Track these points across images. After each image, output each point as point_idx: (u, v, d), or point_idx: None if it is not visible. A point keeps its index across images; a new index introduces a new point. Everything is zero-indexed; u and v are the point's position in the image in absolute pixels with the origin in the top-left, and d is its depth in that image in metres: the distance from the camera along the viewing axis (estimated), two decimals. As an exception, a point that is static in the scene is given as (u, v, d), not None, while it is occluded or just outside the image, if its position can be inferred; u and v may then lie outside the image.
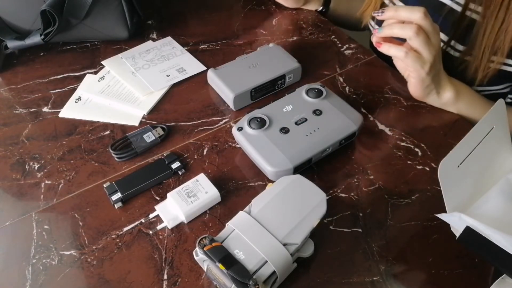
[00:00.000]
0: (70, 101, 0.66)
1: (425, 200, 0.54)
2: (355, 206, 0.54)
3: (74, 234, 0.51)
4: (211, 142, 0.61)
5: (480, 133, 0.46)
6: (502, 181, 0.49)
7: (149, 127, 0.61)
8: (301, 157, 0.54)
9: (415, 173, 0.57)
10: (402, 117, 0.65)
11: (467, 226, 0.41)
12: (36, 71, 0.72)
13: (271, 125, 0.57)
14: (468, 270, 0.48)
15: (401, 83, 0.69)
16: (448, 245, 0.50)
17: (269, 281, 0.43)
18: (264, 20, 0.83)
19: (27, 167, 0.57)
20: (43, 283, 0.46)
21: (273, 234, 0.44)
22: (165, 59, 0.73)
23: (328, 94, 0.61)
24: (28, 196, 0.54)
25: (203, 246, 0.42)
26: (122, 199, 0.53)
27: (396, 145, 0.61)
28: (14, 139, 0.61)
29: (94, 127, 0.63)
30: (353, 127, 0.57)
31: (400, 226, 0.52)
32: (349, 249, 0.50)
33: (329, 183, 0.56)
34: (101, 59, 0.73)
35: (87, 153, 0.59)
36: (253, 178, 0.56)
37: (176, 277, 0.47)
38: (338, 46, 0.77)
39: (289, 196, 0.47)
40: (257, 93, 0.66)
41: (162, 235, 0.51)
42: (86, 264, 0.48)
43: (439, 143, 0.61)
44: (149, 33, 0.79)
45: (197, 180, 0.53)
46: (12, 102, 0.66)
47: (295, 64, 0.68)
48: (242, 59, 0.68)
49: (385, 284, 0.47)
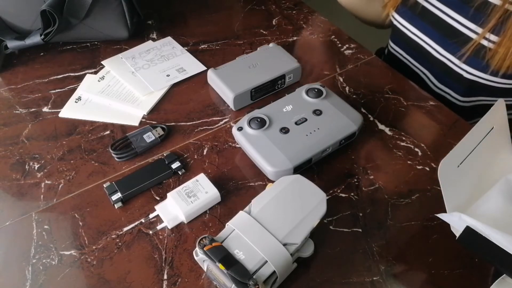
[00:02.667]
0: (70, 101, 0.66)
1: (425, 200, 0.54)
2: (355, 206, 0.54)
3: (74, 234, 0.51)
4: (211, 142, 0.61)
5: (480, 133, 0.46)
6: (502, 181, 0.49)
7: (149, 127, 0.61)
8: (301, 157, 0.54)
9: (415, 173, 0.57)
10: (402, 117, 0.65)
11: (467, 226, 0.41)
12: (36, 71, 0.72)
13: (271, 125, 0.57)
14: (468, 270, 0.48)
15: (401, 83, 0.69)
16: (448, 245, 0.50)
17: (269, 281, 0.43)
18: (264, 20, 0.83)
19: (27, 167, 0.57)
20: (43, 283, 0.46)
21: (273, 234, 0.44)
22: (165, 59, 0.73)
23: (328, 94, 0.61)
24: (28, 196, 0.54)
25: (203, 246, 0.42)
26: (122, 199, 0.53)
27: (396, 145, 0.61)
28: (14, 139, 0.61)
29: (94, 127, 0.63)
30: (353, 127, 0.57)
31: (400, 226, 0.52)
32: (349, 249, 0.50)
33: (329, 183, 0.56)
34: (101, 59, 0.73)
35: (87, 153, 0.59)
36: (253, 178, 0.56)
37: (176, 277, 0.47)
38: (338, 46, 0.77)
39: (289, 196, 0.47)
40: (257, 93, 0.66)
41: (162, 235, 0.51)
42: (86, 264, 0.48)
43: (439, 143, 0.61)
44: (149, 33, 0.79)
45: (197, 180, 0.53)
46: (12, 102, 0.66)
47: (295, 64, 0.68)
48: (242, 59, 0.68)
49: (385, 284, 0.47)
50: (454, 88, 0.72)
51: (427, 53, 0.72)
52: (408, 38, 0.75)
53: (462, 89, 0.71)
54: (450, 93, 0.73)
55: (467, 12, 0.64)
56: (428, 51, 0.72)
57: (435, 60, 0.72)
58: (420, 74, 0.78)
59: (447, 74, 0.71)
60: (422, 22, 0.71)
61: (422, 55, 0.74)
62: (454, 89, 0.73)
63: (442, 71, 0.72)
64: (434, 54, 0.71)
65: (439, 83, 0.75)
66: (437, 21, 0.69)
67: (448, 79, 0.72)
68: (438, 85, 0.75)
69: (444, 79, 0.73)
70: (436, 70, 0.74)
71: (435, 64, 0.72)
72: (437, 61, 0.71)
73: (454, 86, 0.72)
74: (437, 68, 0.73)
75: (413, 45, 0.75)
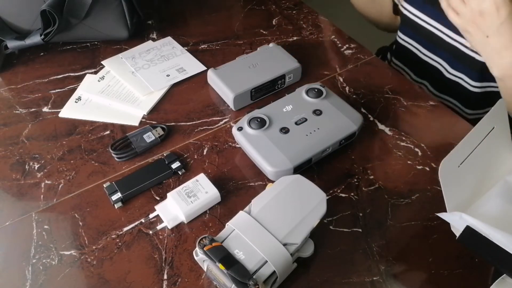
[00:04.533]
0: (70, 101, 0.66)
1: (425, 200, 0.54)
2: (355, 206, 0.54)
3: (74, 234, 0.51)
4: (211, 142, 0.61)
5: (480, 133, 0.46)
6: (501, 183, 0.49)
7: (149, 127, 0.61)
8: (301, 157, 0.54)
9: (415, 173, 0.57)
10: (402, 117, 0.65)
11: (467, 226, 0.41)
12: (36, 71, 0.72)
13: (271, 125, 0.57)
14: (468, 270, 0.48)
15: (401, 83, 0.69)
16: (448, 245, 0.50)
17: (269, 281, 0.43)
18: (264, 20, 0.83)
19: (27, 167, 0.57)
20: (43, 283, 0.46)
21: (273, 234, 0.44)
22: (165, 59, 0.73)
23: (328, 94, 0.61)
24: (28, 196, 0.54)
25: (203, 246, 0.42)
26: (122, 199, 0.53)
27: (396, 145, 0.61)
28: (14, 139, 0.61)
29: (94, 127, 0.63)
30: (353, 127, 0.57)
31: (400, 226, 0.52)
32: (349, 249, 0.50)
33: (329, 183, 0.56)
34: (101, 59, 0.73)
35: (87, 153, 0.59)
36: (253, 178, 0.56)
37: (176, 277, 0.47)
38: (338, 46, 0.77)
39: (289, 196, 0.47)
40: (257, 93, 0.66)
41: (162, 235, 0.51)
42: (86, 264, 0.48)
43: (439, 143, 0.61)
44: (149, 33, 0.79)
45: (197, 180, 0.53)
46: (12, 102, 0.66)
47: (295, 64, 0.68)
48: (242, 59, 0.68)
49: (385, 284, 0.47)
50: (467, 72, 0.72)
51: (439, 39, 0.72)
52: (419, 26, 0.75)
53: (475, 73, 0.71)
54: (463, 78, 0.73)
55: None
56: (440, 37, 0.72)
57: (447, 46, 0.72)
58: (433, 64, 0.78)
59: (459, 58, 0.71)
60: (432, 8, 0.71)
61: (434, 42, 0.74)
62: (467, 74, 0.72)
63: (454, 56, 0.72)
64: (446, 39, 0.71)
65: (452, 69, 0.75)
66: None
67: (460, 64, 0.72)
68: (452, 71, 0.75)
69: (457, 64, 0.73)
70: (449, 55, 0.73)
71: (447, 50, 0.72)
72: (450, 46, 0.71)
73: (467, 70, 0.72)
74: (450, 54, 0.73)
75: (424, 33, 0.75)
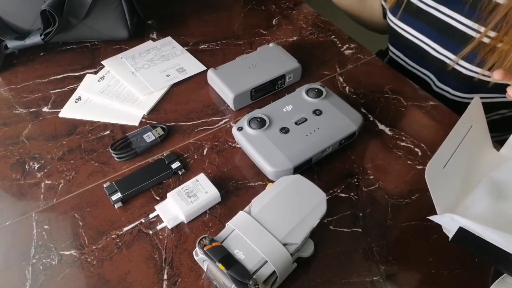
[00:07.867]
0: (70, 101, 0.66)
1: (425, 200, 0.54)
2: (355, 206, 0.54)
3: (74, 234, 0.50)
4: (211, 142, 0.61)
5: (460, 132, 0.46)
6: (486, 179, 0.49)
7: (149, 127, 0.61)
8: (301, 157, 0.54)
9: (415, 173, 0.57)
10: (402, 117, 0.65)
11: (460, 227, 0.41)
12: (36, 71, 0.72)
13: (271, 125, 0.57)
14: (468, 270, 0.48)
15: (401, 83, 0.69)
16: (448, 245, 0.49)
17: (269, 281, 0.43)
18: (264, 20, 0.83)
19: (27, 167, 0.57)
20: (43, 283, 0.46)
21: (273, 234, 0.44)
22: (165, 59, 0.73)
23: (328, 94, 0.61)
24: (28, 196, 0.54)
25: (203, 246, 0.42)
26: (122, 199, 0.53)
27: (396, 145, 0.61)
28: (14, 139, 0.61)
29: (94, 127, 0.63)
30: (353, 127, 0.57)
31: (400, 226, 0.52)
32: (349, 249, 0.50)
33: (329, 183, 0.56)
34: (101, 59, 0.73)
35: (87, 153, 0.59)
36: (253, 178, 0.56)
37: (176, 277, 0.47)
38: (338, 46, 0.77)
39: (289, 196, 0.47)
40: (257, 93, 0.66)
41: (162, 235, 0.51)
42: (86, 264, 0.48)
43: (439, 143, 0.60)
44: (149, 33, 0.79)
45: (197, 180, 0.53)
46: (12, 102, 0.66)
47: (295, 64, 0.68)
48: (242, 59, 0.68)
49: (385, 284, 0.47)
50: (453, 86, 0.72)
51: (426, 53, 0.73)
52: (406, 40, 0.75)
53: (462, 86, 0.71)
54: (450, 91, 0.73)
55: (462, 8, 0.64)
56: (427, 50, 0.72)
57: (434, 60, 0.72)
58: (422, 77, 0.78)
59: (446, 72, 0.71)
60: (418, 22, 0.71)
61: (421, 56, 0.74)
62: (453, 87, 0.72)
63: (441, 70, 0.72)
64: (432, 54, 0.71)
65: (440, 82, 0.75)
66: (433, 20, 0.69)
67: (447, 78, 0.72)
68: (439, 85, 0.75)
69: (444, 77, 0.73)
70: (436, 69, 0.74)
71: (434, 63, 0.72)
72: (436, 60, 0.71)
73: (454, 84, 0.72)
74: (437, 67, 0.73)
75: (411, 46, 0.75)
